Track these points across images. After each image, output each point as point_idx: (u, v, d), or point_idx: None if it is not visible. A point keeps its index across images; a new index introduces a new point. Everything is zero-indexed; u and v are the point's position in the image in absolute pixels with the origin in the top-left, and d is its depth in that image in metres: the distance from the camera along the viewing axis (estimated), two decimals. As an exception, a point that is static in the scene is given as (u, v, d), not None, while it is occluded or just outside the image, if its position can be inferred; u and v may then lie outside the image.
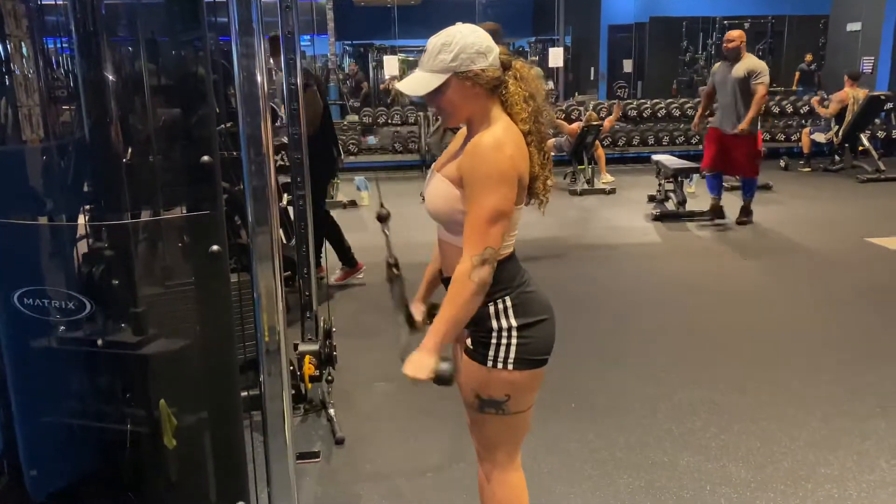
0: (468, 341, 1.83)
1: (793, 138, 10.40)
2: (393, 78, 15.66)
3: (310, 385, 3.14)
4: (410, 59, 13.84)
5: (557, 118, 8.75)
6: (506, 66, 1.74)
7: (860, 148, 9.16)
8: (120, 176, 1.75)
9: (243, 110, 1.72)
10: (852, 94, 9.04)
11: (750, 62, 6.09)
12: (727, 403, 3.25)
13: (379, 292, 4.95)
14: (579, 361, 3.64)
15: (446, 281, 1.89)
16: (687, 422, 3.10)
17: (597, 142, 8.53)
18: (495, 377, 1.79)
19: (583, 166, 8.48)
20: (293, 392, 3.16)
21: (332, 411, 3.15)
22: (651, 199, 7.52)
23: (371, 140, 10.89)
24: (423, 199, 1.87)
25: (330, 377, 3.21)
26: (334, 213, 7.43)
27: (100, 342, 1.80)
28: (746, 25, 14.93)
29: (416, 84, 1.72)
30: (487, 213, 1.66)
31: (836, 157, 9.35)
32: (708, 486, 2.64)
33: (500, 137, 1.67)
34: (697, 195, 7.75)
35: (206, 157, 1.74)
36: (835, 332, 4.13)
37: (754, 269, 5.42)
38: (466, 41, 1.68)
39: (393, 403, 3.39)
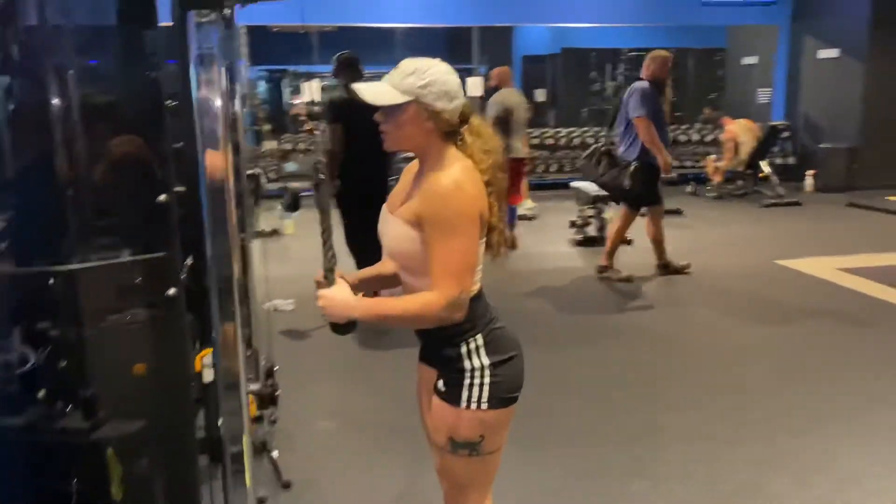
0: (440, 383, 1.79)
1: (699, 164, 10.92)
2: (308, 103, 15.36)
3: (254, 427, 3.02)
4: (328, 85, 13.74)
5: None
6: (463, 119, 1.74)
7: (761, 174, 9.70)
8: (66, 217, 1.64)
9: (201, 142, 1.67)
10: (738, 127, 9.67)
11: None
12: (668, 425, 3.33)
13: (312, 325, 4.85)
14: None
15: None
16: (633, 447, 3.15)
17: (518, 169, 8.69)
18: (469, 418, 1.76)
19: (504, 193, 8.62)
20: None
21: (275, 453, 3.03)
22: (572, 224, 7.70)
23: (289, 166, 10.75)
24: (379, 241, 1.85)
25: (273, 418, 3.10)
26: (255, 243, 7.29)
27: (42, 394, 1.68)
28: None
29: (380, 93, 1.68)
30: (456, 256, 1.66)
31: (740, 183, 9.88)
32: (659, 510, 2.69)
33: (458, 177, 1.67)
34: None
35: (162, 197, 1.66)
36: (760, 353, 4.31)
37: (677, 293, 5.62)
38: (440, 77, 1.68)
39: (338, 442, 3.30)
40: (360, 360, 4.32)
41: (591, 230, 7.34)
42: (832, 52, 10.30)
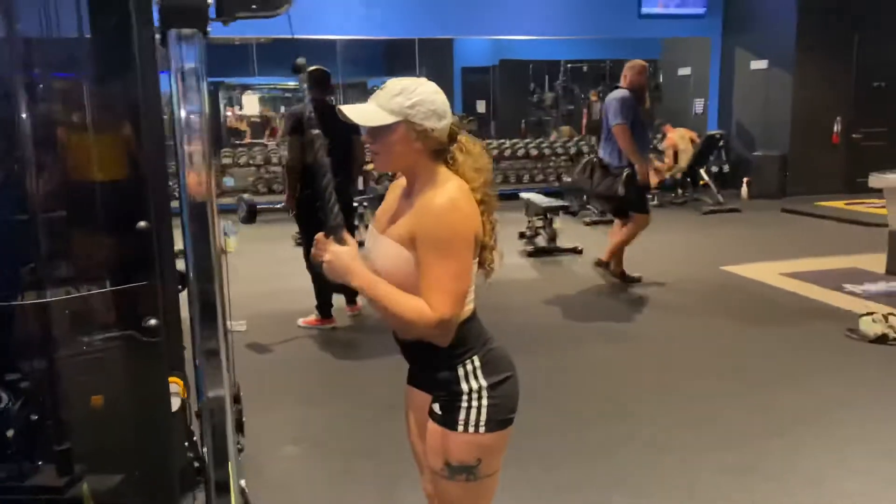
0: (435, 406, 1.74)
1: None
2: (241, 118, 15.09)
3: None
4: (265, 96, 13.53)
5: None
6: (452, 138, 1.71)
7: (701, 182, 9.98)
8: (39, 246, 1.52)
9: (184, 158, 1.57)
10: (678, 136, 9.95)
11: None
12: (640, 435, 3.34)
13: (266, 345, 4.72)
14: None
15: (401, 345, 1.81)
16: (610, 457, 3.15)
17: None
18: (467, 442, 1.71)
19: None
20: (196, 465, 2.90)
21: (242, 482, 2.90)
22: (522, 235, 7.74)
23: (228, 181, 10.51)
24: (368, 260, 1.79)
25: (240, 445, 2.97)
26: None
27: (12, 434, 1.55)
28: (585, 69, 16.01)
29: (368, 114, 1.65)
30: (450, 278, 1.61)
31: (679, 191, 10.13)
32: (641, 524, 2.68)
33: (454, 196, 1.63)
34: (563, 230, 8.06)
35: (142, 224, 1.55)
36: (720, 360, 4.38)
37: (632, 301, 5.68)
38: (428, 97, 1.65)
39: (306, 468, 3.19)
40: (319, 382, 4.21)
41: (541, 241, 7.39)
42: (762, 64, 10.70)
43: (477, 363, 1.71)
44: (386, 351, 1.83)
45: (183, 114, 1.55)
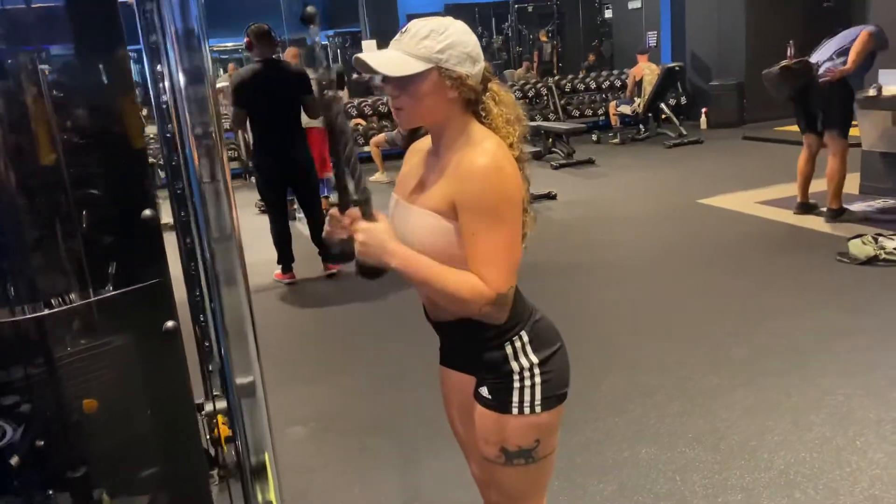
0: (483, 390, 1.57)
1: (598, 112, 11.04)
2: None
3: (226, 448, 2.70)
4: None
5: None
6: (484, 85, 1.51)
7: (662, 116, 9.90)
8: (25, 251, 1.29)
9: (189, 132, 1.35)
10: (645, 68, 9.78)
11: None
12: (653, 384, 3.25)
13: (259, 324, 4.49)
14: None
15: (436, 325, 1.64)
16: (627, 411, 3.05)
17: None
18: (522, 424, 1.56)
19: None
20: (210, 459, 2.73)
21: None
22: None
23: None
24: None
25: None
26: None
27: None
28: (531, 9, 15.70)
29: (393, 63, 1.42)
30: (502, 247, 1.43)
31: (642, 127, 10.04)
32: (677, 476, 2.59)
33: (496, 155, 1.43)
34: (533, 176, 7.92)
35: (147, 212, 1.34)
36: (712, 297, 4.33)
37: (614, 242, 5.60)
38: (460, 38, 1.44)
39: (319, 449, 3.03)
40: (309, 358, 4.02)
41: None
42: (713, -10, 10.57)
43: (525, 339, 1.55)
44: (376, 316, 1.68)
45: (183, 81, 1.33)
